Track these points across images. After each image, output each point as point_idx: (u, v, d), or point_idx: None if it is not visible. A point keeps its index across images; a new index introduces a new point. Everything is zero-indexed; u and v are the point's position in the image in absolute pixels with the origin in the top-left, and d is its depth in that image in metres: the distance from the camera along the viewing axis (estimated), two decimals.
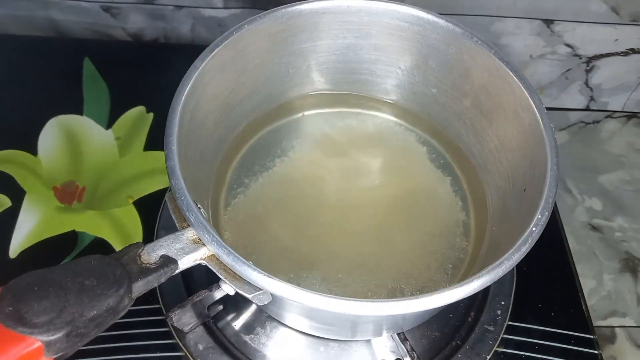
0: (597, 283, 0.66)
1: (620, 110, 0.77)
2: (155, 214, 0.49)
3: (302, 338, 0.43)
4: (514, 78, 0.38)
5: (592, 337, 0.46)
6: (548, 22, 0.65)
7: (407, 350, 0.41)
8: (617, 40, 0.67)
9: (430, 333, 0.44)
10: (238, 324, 0.43)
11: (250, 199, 0.43)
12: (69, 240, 0.49)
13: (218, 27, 0.66)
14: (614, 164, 0.74)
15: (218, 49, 0.38)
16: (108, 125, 0.56)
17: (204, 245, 0.31)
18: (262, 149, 0.46)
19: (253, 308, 0.44)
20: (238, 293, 0.30)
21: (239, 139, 0.45)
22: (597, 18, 0.64)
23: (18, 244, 0.48)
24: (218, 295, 0.38)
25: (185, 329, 0.41)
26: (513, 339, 0.45)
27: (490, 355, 0.43)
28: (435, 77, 0.44)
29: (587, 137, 0.76)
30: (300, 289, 0.28)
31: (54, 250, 0.48)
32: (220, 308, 0.43)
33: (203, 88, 0.37)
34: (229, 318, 0.43)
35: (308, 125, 0.48)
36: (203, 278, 0.45)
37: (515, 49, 0.68)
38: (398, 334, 0.41)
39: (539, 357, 0.44)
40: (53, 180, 0.52)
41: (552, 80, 0.73)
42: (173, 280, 0.37)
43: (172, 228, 0.32)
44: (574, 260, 0.51)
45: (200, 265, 0.31)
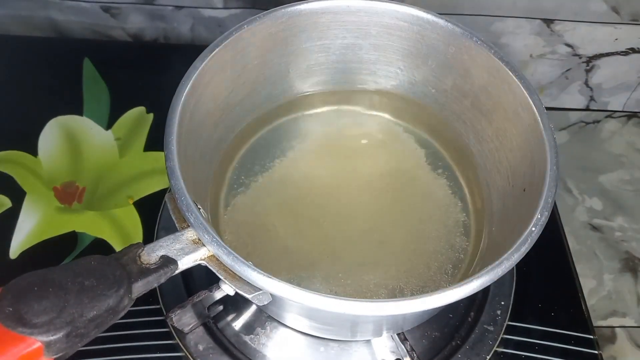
0: (597, 283, 0.66)
1: (621, 110, 0.77)
2: (155, 215, 0.49)
3: (302, 338, 0.43)
4: (514, 78, 0.38)
5: (592, 337, 0.46)
6: (548, 21, 0.65)
7: (407, 350, 0.41)
8: (617, 40, 0.67)
9: (430, 333, 0.44)
10: (238, 325, 0.43)
11: (250, 199, 0.43)
12: (69, 241, 0.49)
13: (218, 27, 0.66)
14: (614, 164, 0.74)
15: (218, 49, 0.38)
16: (108, 126, 0.56)
17: (204, 246, 0.31)
18: (262, 149, 0.46)
19: (253, 308, 0.44)
20: (238, 293, 0.30)
21: (239, 139, 0.45)
22: (597, 17, 0.64)
23: (18, 245, 0.48)
24: (218, 296, 0.38)
25: (186, 330, 0.41)
26: (513, 339, 0.45)
27: (490, 355, 0.43)
28: (435, 77, 0.44)
29: (587, 137, 0.76)
30: (300, 289, 0.28)
31: (54, 251, 0.48)
32: (221, 308, 0.43)
33: (203, 88, 0.37)
34: (229, 318, 0.43)
35: (308, 125, 0.48)
36: (203, 278, 0.45)
37: (515, 49, 0.68)
38: (398, 334, 0.41)
39: (539, 357, 0.44)
40: (53, 181, 0.52)
41: (552, 80, 0.73)
42: (173, 281, 0.37)
43: (172, 228, 0.32)
44: (574, 260, 0.51)
45: (200, 266, 0.31)
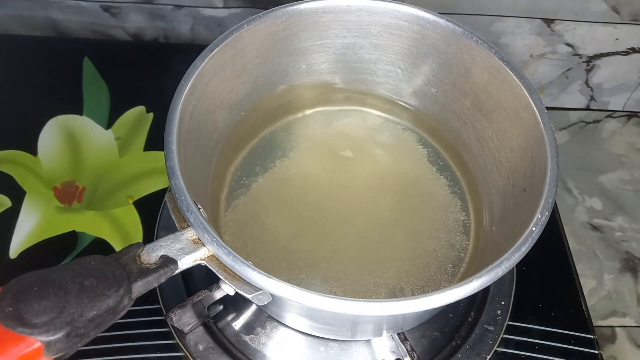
0: (597, 283, 0.66)
1: (621, 110, 0.77)
2: (155, 214, 0.49)
3: (302, 338, 0.43)
4: (514, 78, 0.38)
5: (592, 337, 0.46)
6: (548, 21, 0.65)
7: (407, 350, 0.41)
8: (617, 40, 0.67)
9: (430, 333, 0.44)
10: (238, 324, 0.43)
11: (250, 199, 0.43)
12: (69, 241, 0.49)
13: (218, 26, 0.66)
14: (614, 164, 0.73)
15: (218, 49, 0.38)
16: (108, 125, 0.56)
17: (204, 246, 0.31)
18: (262, 149, 0.46)
19: (253, 308, 0.44)
20: (238, 293, 0.30)
21: (239, 139, 0.45)
22: (597, 17, 0.64)
23: (18, 244, 0.48)
24: (218, 296, 0.38)
25: (185, 329, 0.41)
26: (513, 339, 0.45)
27: (490, 355, 0.43)
28: (435, 77, 0.44)
29: (587, 136, 0.76)
30: (300, 289, 0.28)
31: (54, 251, 0.48)
32: (221, 308, 0.43)
33: (203, 88, 0.37)
34: (229, 318, 0.43)
35: (308, 125, 0.48)
36: (203, 278, 0.45)
37: (516, 49, 0.68)
38: (398, 334, 0.41)
39: (539, 357, 0.44)
40: (53, 180, 0.52)
41: (552, 80, 0.73)
42: (173, 281, 0.37)
43: (172, 228, 0.32)
44: (574, 260, 0.51)
45: (200, 266, 0.31)
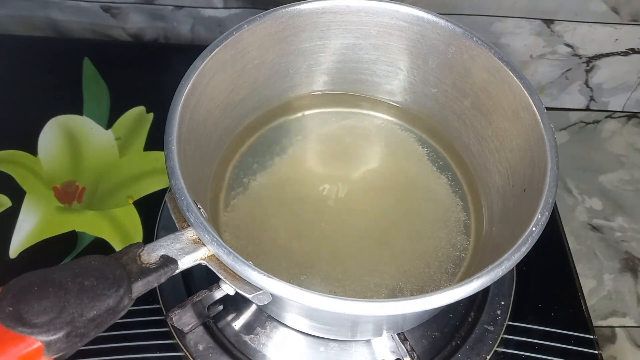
0: (597, 283, 0.66)
1: (621, 110, 0.77)
2: (155, 214, 0.49)
3: (302, 338, 0.43)
4: (514, 78, 0.38)
5: (592, 337, 0.46)
6: (548, 22, 0.65)
7: (407, 350, 0.41)
8: (617, 40, 0.67)
9: (430, 333, 0.44)
10: (238, 324, 0.43)
11: (250, 199, 0.43)
12: (69, 241, 0.49)
13: (218, 27, 0.66)
14: (614, 164, 0.73)
15: (218, 49, 0.38)
16: (108, 125, 0.56)
17: (204, 245, 0.31)
18: (262, 149, 0.46)
19: (253, 308, 0.44)
20: (238, 293, 0.30)
21: (239, 139, 0.45)
22: (597, 18, 0.64)
23: (18, 244, 0.48)
24: (218, 295, 0.38)
25: (185, 329, 0.41)
26: (513, 339, 0.45)
27: (490, 355, 0.43)
28: (435, 77, 0.44)
29: (587, 137, 0.76)
30: (300, 289, 0.28)
31: (54, 251, 0.48)
32: (220, 308, 0.43)
33: (203, 88, 0.37)
34: (229, 318, 0.43)
35: (308, 125, 0.48)
36: (203, 278, 0.45)
37: (515, 49, 0.68)
38: (398, 334, 0.41)
39: (539, 357, 0.44)
40: (53, 180, 0.52)
41: (552, 80, 0.73)
42: (173, 280, 0.37)
43: (172, 228, 0.32)
44: (574, 260, 0.51)
45: (200, 265, 0.31)
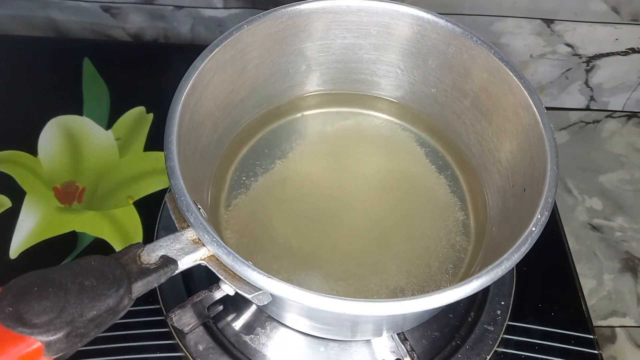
0: (597, 283, 0.66)
1: (621, 110, 0.77)
2: (155, 214, 0.49)
3: (302, 338, 0.43)
4: (514, 78, 0.38)
5: (592, 337, 0.46)
6: (548, 21, 0.65)
7: (407, 350, 0.41)
8: (617, 40, 0.67)
9: (430, 333, 0.44)
10: (238, 324, 0.43)
11: (250, 199, 0.43)
12: (69, 241, 0.49)
13: (218, 27, 0.66)
14: (614, 164, 0.73)
15: (218, 49, 0.38)
16: (108, 126, 0.56)
17: (204, 246, 0.31)
18: (262, 149, 0.46)
19: (253, 308, 0.44)
20: (238, 293, 0.30)
21: (239, 139, 0.45)
22: (597, 17, 0.64)
23: (18, 245, 0.48)
24: (218, 296, 0.38)
25: (185, 329, 0.41)
26: (513, 339, 0.45)
27: (490, 355, 0.43)
28: (435, 77, 0.44)
29: (587, 136, 0.76)
30: (300, 289, 0.28)
31: (54, 251, 0.48)
32: (221, 308, 0.43)
33: (203, 88, 0.37)
34: (229, 318, 0.43)
35: (308, 125, 0.48)
36: (203, 278, 0.45)
37: (515, 49, 0.68)
38: (398, 334, 0.41)
39: (539, 357, 0.44)
40: (53, 181, 0.52)
41: (552, 80, 0.73)
42: (173, 281, 0.37)
43: (172, 228, 0.32)
44: (574, 260, 0.51)
45: (200, 266, 0.31)
